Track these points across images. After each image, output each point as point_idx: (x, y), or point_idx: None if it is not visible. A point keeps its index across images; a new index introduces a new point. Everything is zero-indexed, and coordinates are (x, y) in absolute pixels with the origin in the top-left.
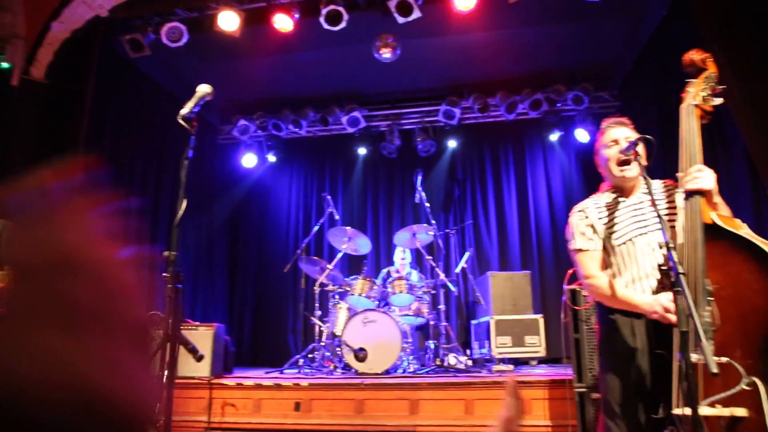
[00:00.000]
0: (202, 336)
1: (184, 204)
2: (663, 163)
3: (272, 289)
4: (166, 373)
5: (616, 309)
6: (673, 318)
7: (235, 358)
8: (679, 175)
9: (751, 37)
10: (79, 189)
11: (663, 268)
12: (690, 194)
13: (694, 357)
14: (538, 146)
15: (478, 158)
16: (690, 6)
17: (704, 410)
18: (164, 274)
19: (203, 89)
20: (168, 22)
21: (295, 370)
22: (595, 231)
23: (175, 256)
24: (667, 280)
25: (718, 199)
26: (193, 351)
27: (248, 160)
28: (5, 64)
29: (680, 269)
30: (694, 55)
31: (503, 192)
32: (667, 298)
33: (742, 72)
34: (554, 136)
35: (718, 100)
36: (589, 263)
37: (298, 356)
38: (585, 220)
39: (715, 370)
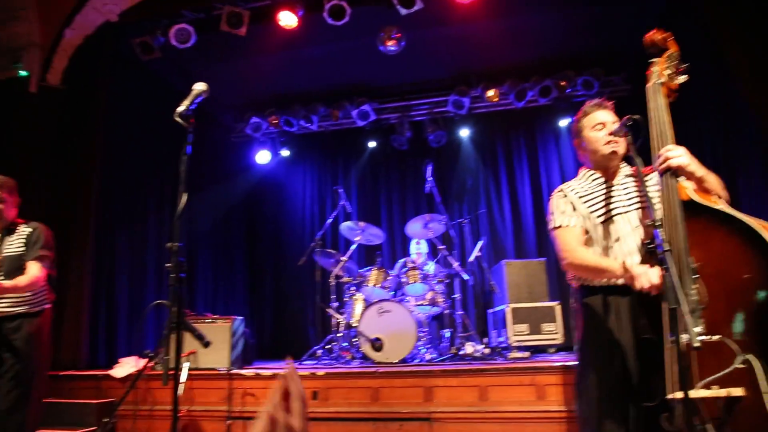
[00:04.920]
0: (220, 329)
1: (185, 197)
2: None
3: (290, 282)
4: (173, 361)
5: (598, 289)
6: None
7: (256, 351)
8: (653, 154)
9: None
10: None
11: (650, 246)
12: (664, 173)
13: (684, 337)
14: (550, 132)
15: (489, 147)
16: None
17: (700, 392)
18: (167, 265)
19: (198, 87)
20: (176, 23)
21: (314, 361)
22: (574, 209)
23: (178, 247)
24: (652, 259)
25: (701, 171)
26: (199, 338)
27: (262, 157)
28: (23, 72)
29: (666, 247)
30: (654, 36)
31: (516, 180)
32: (656, 273)
33: (750, 45)
34: (564, 122)
35: (683, 78)
36: (568, 239)
37: (316, 348)
38: (564, 199)
39: (696, 344)
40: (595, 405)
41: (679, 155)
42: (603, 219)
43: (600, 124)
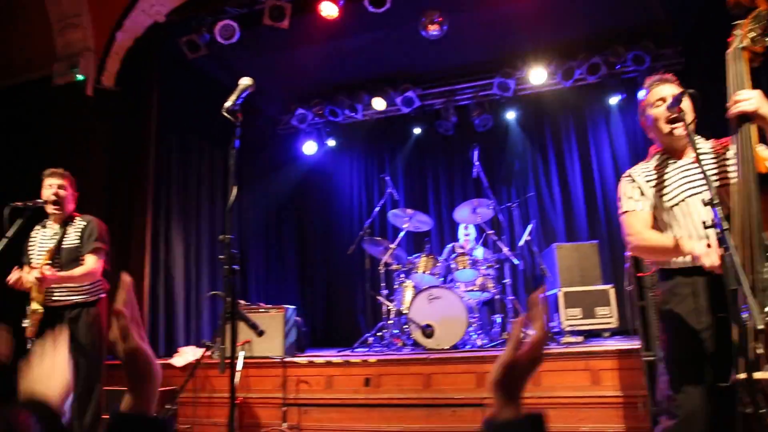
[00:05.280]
0: (273, 318)
1: (235, 190)
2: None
3: (340, 270)
4: (229, 350)
5: (676, 271)
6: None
7: (308, 339)
8: (731, 125)
9: None
10: None
11: (708, 226)
12: (738, 125)
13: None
14: (600, 112)
15: (537, 129)
16: None
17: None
18: (220, 257)
19: (244, 82)
20: (220, 20)
21: (365, 349)
22: (642, 194)
23: (230, 239)
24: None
25: None
26: (253, 327)
27: (308, 147)
28: (80, 77)
29: (725, 226)
30: None
31: (566, 161)
32: (716, 253)
33: None
34: (614, 100)
35: None
36: (634, 222)
37: (367, 335)
38: (632, 184)
39: (760, 325)
40: (676, 385)
41: (750, 99)
42: (675, 201)
43: (660, 100)
